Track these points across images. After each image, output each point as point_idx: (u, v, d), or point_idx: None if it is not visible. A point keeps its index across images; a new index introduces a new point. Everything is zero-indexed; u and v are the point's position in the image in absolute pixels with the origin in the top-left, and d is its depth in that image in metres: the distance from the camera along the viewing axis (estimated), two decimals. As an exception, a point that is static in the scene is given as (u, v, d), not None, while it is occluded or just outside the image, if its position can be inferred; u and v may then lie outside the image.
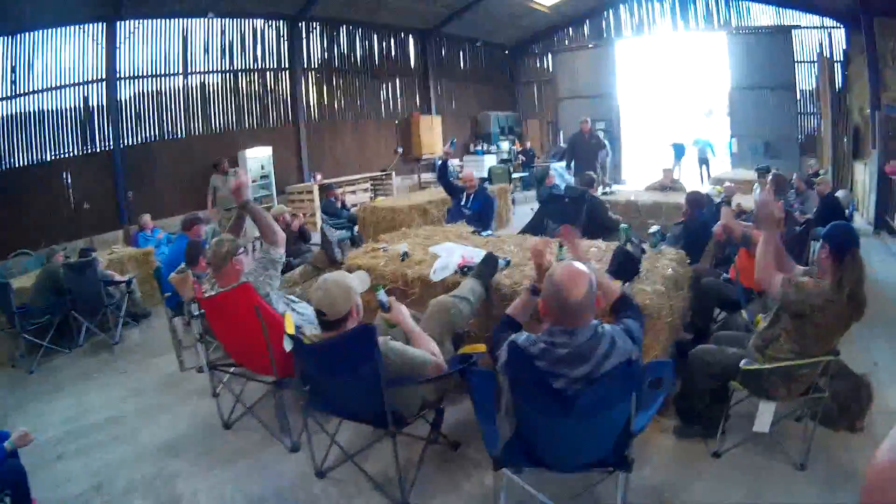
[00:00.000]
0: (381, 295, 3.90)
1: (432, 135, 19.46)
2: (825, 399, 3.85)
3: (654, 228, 5.71)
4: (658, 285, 4.41)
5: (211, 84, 14.89)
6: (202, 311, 4.96)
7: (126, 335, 8.03)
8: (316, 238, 8.76)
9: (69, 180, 12.48)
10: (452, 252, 5.29)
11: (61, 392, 6.59)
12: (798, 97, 18.03)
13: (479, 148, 21.10)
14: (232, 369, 5.11)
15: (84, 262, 7.94)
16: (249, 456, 4.56)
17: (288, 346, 3.50)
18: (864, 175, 12.91)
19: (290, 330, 3.54)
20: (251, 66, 15.56)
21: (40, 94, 12.15)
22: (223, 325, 4.65)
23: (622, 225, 5.91)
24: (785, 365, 3.65)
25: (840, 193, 10.05)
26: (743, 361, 3.77)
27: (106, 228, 12.82)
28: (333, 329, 3.39)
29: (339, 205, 12.39)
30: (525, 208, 13.96)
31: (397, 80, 19.47)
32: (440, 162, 8.99)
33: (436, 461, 4.04)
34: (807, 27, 17.56)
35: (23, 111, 11.95)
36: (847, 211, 8.57)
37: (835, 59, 16.24)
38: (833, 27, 16.90)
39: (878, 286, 7.70)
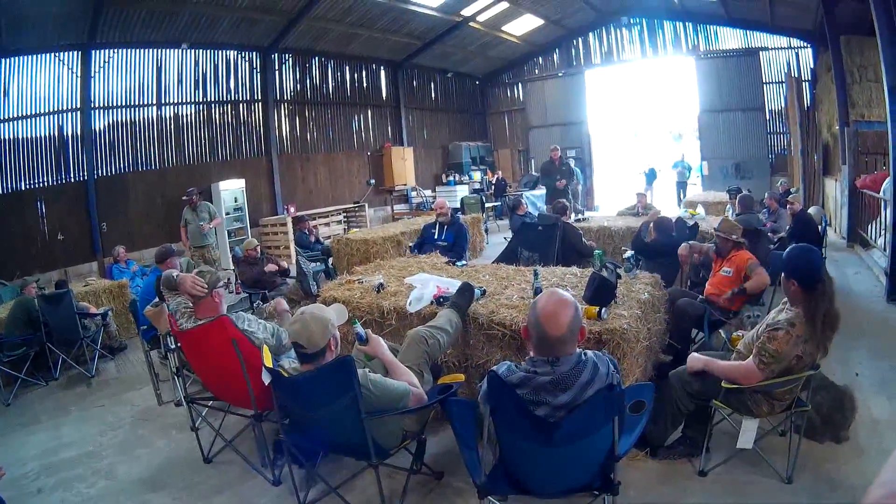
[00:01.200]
0: (358, 328, 3.87)
1: (404, 165, 19.64)
2: (808, 412, 3.90)
3: (628, 253, 5.76)
4: (635, 309, 4.44)
5: (184, 115, 14.89)
6: (178, 344, 4.91)
7: (102, 368, 7.94)
8: (292, 271, 8.74)
9: (43, 210, 12.38)
10: (427, 283, 5.27)
11: (38, 425, 6.49)
12: (767, 118, 18.47)
13: (451, 178, 21.23)
14: (210, 402, 5.05)
15: (59, 293, 7.93)
16: (230, 490, 4.49)
17: (266, 378, 3.47)
18: (835, 190, 13.19)
19: (269, 363, 3.51)
20: (224, 98, 15.60)
21: (15, 122, 12.08)
22: (200, 358, 4.60)
23: (596, 251, 5.96)
24: (766, 383, 3.68)
25: (812, 210, 10.22)
26: (724, 380, 3.79)
27: (80, 260, 12.75)
28: (311, 362, 3.37)
29: (312, 238, 12.35)
30: (498, 237, 14.07)
31: (369, 111, 19.66)
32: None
33: (420, 491, 4.00)
34: (774, 48, 18.06)
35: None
36: (820, 227, 8.69)
37: (802, 79, 16.63)
38: (800, 47, 17.44)
39: (855, 298, 7.87)
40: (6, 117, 11.95)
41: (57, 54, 12.35)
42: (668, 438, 4.22)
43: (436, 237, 8.52)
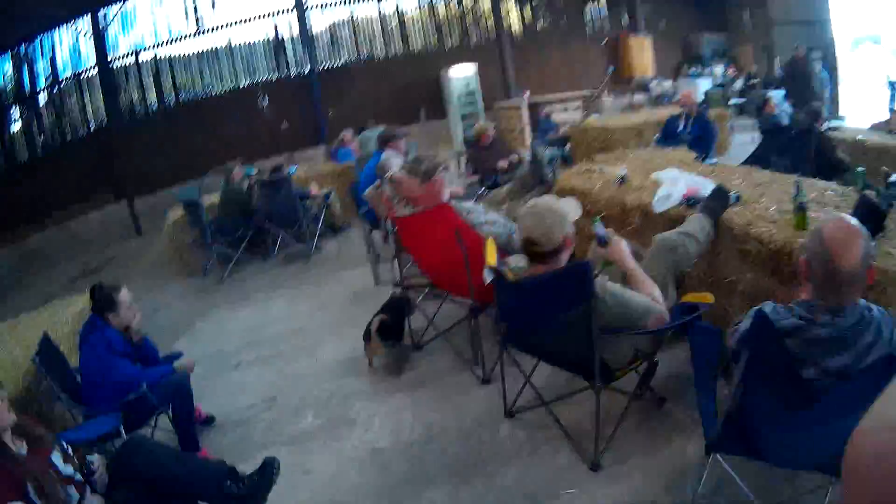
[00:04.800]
0: (599, 227, 3.33)
1: (642, 55, 18.35)
2: None
3: (894, 177, 4.78)
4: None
5: (407, 9, 15.05)
6: (396, 228, 4.76)
7: (322, 246, 8.16)
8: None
9: (265, 103, 12.96)
10: (677, 181, 4.59)
11: (248, 301, 6.79)
12: None
13: (692, 70, 19.65)
14: (427, 289, 4.92)
15: (279, 178, 8.08)
16: (435, 383, 4.38)
17: (488, 277, 3.19)
18: None
19: (492, 261, 3.21)
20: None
21: (230, 28, 12.96)
22: (419, 245, 4.46)
23: (858, 168, 5.05)
24: None
25: None
26: None
27: (305, 145, 13.28)
28: (543, 261, 3.00)
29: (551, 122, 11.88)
30: (743, 137, 11.97)
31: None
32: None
33: (636, 417, 3.51)
34: None
35: (212, 46, 13.03)
36: None
37: None
38: None
39: None
40: (221, 24, 12.80)
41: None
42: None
43: (680, 129, 7.75)
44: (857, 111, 17.30)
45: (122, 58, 13.02)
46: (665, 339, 3.35)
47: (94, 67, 12.74)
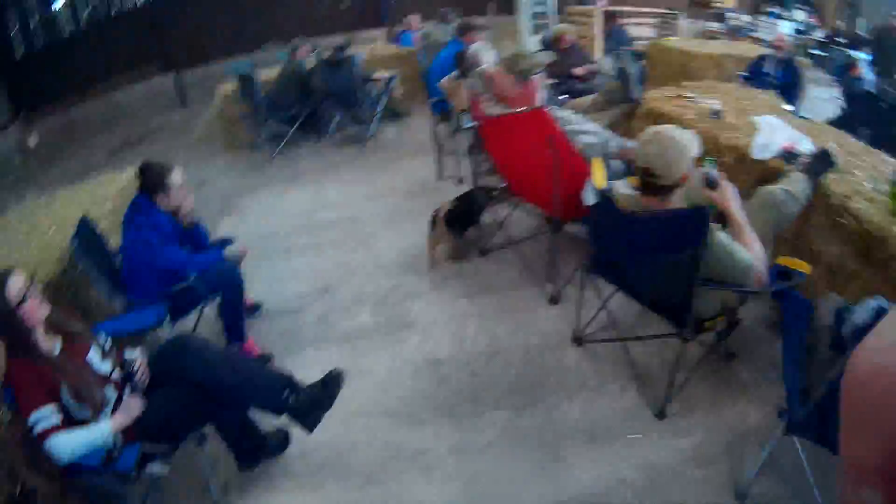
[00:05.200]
0: (711, 169, 3.00)
1: None
2: None
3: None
4: None
5: None
6: (477, 126, 4.41)
7: (381, 131, 7.78)
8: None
9: None
10: (776, 130, 4.19)
11: (299, 182, 6.50)
12: None
13: (772, 10, 18.68)
14: (496, 192, 4.62)
15: (342, 58, 7.61)
16: (500, 294, 4.19)
17: (590, 199, 2.93)
18: None
19: (601, 181, 2.94)
20: None
21: None
22: (504, 148, 4.17)
23: None
24: None
25: None
26: None
27: (365, 25, 12.88)
28: (656, 194, 2.74)
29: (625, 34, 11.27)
30: (818, 92, 11.30)
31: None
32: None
33: (703, 370, 3.32)
34: None
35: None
36: None
37: None
38: None
39: None
40: None
41: None
42: None
43: (764, 70, 7.14)
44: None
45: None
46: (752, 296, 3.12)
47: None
